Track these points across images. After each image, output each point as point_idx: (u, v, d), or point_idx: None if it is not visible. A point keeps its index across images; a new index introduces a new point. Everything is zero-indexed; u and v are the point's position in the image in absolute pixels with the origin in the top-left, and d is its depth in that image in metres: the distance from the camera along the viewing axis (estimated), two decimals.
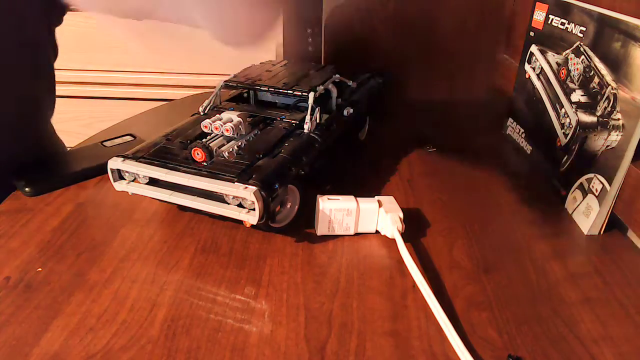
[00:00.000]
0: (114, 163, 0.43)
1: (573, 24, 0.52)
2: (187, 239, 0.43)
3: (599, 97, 0.47)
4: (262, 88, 0.51)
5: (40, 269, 0.39)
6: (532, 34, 0.62)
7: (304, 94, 0.50)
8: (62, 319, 0.34)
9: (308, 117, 0.48)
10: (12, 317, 0.34)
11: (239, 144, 0.45)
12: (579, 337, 0.34)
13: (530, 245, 0.44)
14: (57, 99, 0.62)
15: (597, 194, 0.45)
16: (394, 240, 0.42)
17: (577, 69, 0.51)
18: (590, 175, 0.47)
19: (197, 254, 0.42)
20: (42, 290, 0.37)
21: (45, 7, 0.55)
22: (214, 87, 0.53)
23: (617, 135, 0.43)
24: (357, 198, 0.44)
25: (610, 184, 0.44)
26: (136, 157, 0.43)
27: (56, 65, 0.60)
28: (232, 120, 0.45)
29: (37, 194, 0.49)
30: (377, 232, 0.45)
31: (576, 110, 0.50)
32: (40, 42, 0.57)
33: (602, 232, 0.46)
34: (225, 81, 0.52)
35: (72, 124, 0.79)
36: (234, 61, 0.97)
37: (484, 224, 0.47)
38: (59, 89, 0.61)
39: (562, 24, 0.54)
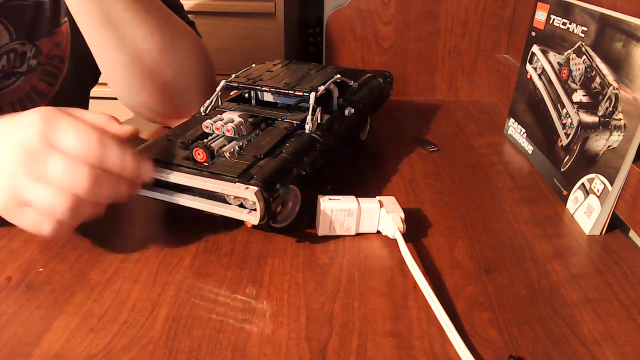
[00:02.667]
0: None
1: (575, 24, 0.52)
2: (188, 239, 0.44)
3: (600, 97, 0.46)
4: (263, 88, 0.51)
5: (41, 269, 0.39)
6: (533, 33, 0.62)
7: (305, 94, 0.50)
8: (64, 319, 0.34)
9: (309, 117, 0.48)
10: (14, 317, 0.35)
11: (240, 144, 0.45)
12: (581, 337, 0.34)
13: (531, 245, 0.44)
14: None
15: (598, 194, 0.45)
16: (395, 240, 0.42)
17: (579, 69, 0.51)
18: (592, 175, 0.47)
19: (198, 254, 0.42)
20: (43, 290, 0.37)
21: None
22: (215, 87, 0.53)
23: (619, 135, 0.43)
24: (358, 198, 0.44)
25: (611, 184, 0.44)
26: None
27: None
28: (234, 121, 0.45)
29: None
30: (378, 232, 0.45)
31: (577, 111, 0.50)
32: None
33: (603, 233, 0.46)
34: (226, 81, 0.52)
35: None
36: (234, 62, 0.98)
37: (485, 224, 0.47)
38: None
39: (564, 24, 0.54)
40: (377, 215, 0.44)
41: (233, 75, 0.54)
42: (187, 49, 0.57)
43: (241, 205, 0.40)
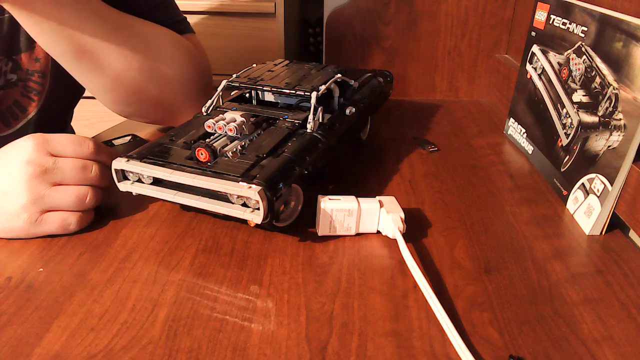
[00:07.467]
0: (118, 163, 0.43)
1: (575, 24, 0.52)
2: (188, 239, 0.44)
3: (600, 97, 0.46)
4: (264, 88, 0.51)
5: (41, 269, 0.39)
6: (533, 33, 0.62)
7: (307, 93, 0.50)
8: (64, 319, 0.34)
9: (311, 117, 0.48)
10: (14, 317, 0.35)
11: (243, 143, 0.45)
12: (581, 337, 0.34)
13: (531, 245, 0.44)
14: None
15: (598, 194, 0.45)
16: (395, 240, 0.42)
17: (579, 69, 0.51)
18: (592, 175, 0.47)
19: (198, 254, 0.42)
20: (43, 290, 0.37)
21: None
22: (216, 87, 0.53)
23: (619, 135, 0.43)
24: (359, 198, 0.44)
25: (611, 184, 0.44)
26: (140, 157, 0.43)
27: None
28: (236, 120, 0.46)
29: None
30: (378, 232, 0.45)
31: (577, 111, 0.50)
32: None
33: (603, 233, 0.46)
34: (227, 81, 0.52)
35: (74, 124, 0.79)
36: (234, 61, 0.98)
37: (485, 224, 0.47)
38: None
39: (564, 24, 0.54)
40: (377, 215, 0.44)
41: (234, 75, 0.54)
42: (166, 59, 0.56)
43: (244, 205, 0.40)
